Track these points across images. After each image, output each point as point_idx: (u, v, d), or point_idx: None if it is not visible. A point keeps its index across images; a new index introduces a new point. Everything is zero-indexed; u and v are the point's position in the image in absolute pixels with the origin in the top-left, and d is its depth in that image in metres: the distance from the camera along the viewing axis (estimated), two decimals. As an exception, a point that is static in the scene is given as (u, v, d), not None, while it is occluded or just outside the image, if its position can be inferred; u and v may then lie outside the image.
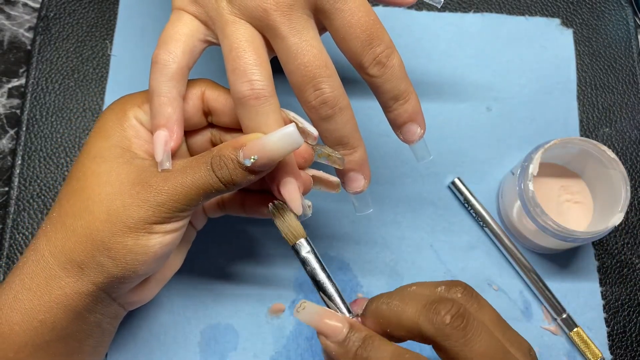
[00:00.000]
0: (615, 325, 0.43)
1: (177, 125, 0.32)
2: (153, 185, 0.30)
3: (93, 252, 0.30)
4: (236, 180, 0.30)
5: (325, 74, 0.31)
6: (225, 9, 0.31)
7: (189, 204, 0.30)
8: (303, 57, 0.30)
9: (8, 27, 0.49)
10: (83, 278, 0.30)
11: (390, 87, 0.32)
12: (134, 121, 0.33)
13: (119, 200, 0.30)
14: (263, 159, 0.29)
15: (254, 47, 0.31)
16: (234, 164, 0.30)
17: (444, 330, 0.28)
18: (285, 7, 0.30)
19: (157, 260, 0.31)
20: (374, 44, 0.31)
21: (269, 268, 0.43)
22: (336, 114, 0.31)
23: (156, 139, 0.31)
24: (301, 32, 0.30)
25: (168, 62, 0.31)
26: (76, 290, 0.30)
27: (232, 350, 0.41)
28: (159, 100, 0.31)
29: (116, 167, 0.31)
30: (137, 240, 0.30)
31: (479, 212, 0.44)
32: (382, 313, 0.30)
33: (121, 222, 0.30)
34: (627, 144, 0.47)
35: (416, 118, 0.33)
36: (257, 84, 0.30)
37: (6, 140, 0.46)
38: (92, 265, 0.30)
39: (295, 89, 0.31)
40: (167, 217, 0.30)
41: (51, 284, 0.30)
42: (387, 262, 0.44)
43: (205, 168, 0.30)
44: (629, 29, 0.50)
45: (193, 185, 0.30)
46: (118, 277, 0.30)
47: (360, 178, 0.34)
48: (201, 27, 0.32)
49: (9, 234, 0.43)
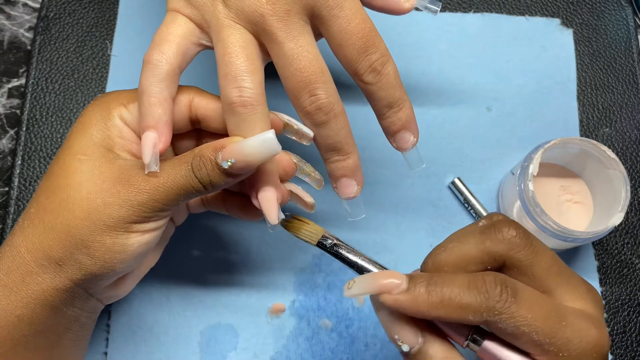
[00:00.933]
0: (615, 325, 0.43)
1: (166, 127, 0.31)
2: (135, 184, 0.30)
3: (71, 250, 0.30)
4: (214, 182, 0.30)
5: (321, 80, 0.31)
6: (222, 12, 0.31)
7: (169, 203, 0.30)
8: (299, 63, 0.30)
9: (8, 27, 0.49)
10: (60, 274, 0.30)
11: (385, 94, 0.32)
12: (117, 120, 0.32)
13: (100, 199, 0.30)
14: (240, 163, 0.29)
15: (247, 53, 0.30)
16: (212, 165, 0.30)
17: (514, 242, 0.27)
18: (282, 13, 0.30)
19: (136, 258, 0.32)
20: (370, 51, 0.31)
21: (269, 268, 0.43)
22: (331, 120, 0.31)
23: (145, 141, 0.31)
24: (297, 38, 0.30)
25: (160, 62, 0.31)
26: (53, 286, 0.30)
27: (232, 350, 0.41)
28: (149, 100, 0.31)
29: (98, 165, 0.31)
30: (116, 239, 0.30)
31: (479, 212, 0.44)
32: (444, 260, 0.28)
33: (101, 221, 0.30)
34: (627, 144, 0.47)
35: (409, 126, 0.33)
36: (246, 91, 0.30)
37: (6, 140, 0.46)
38: (70, 263, 0.30)
39: (290, 95, 0.32)
40: (147, 217, 0.30)
41: (27, 280, 0.30)
42: (387, 262, 0.44)
43: (185, 168, 0.30)
44: (629, 29, 0.50)
45: (174, 186, 0.30)
46: (96, 275, 0.30)
47: (353, 184, 0.34)
48: (195, 29, 0.32)
49: (9, 234, 0.43)
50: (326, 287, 0.43)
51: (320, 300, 0.42)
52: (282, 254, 0.43)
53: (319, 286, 0.43)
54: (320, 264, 0.43)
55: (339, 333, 0.42)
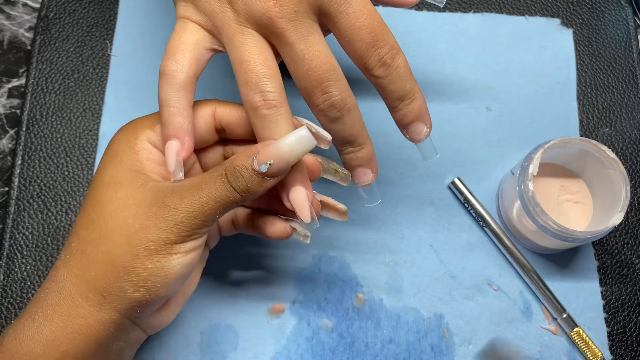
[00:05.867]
0: (615, 325, 0.43)
1: (187, 135, 0.32)
2: (170, 204, 0.30)
3: (114, 278, 0.30)
4: (252, 189, 0.30)
5: (333, 77, 0.31)
6: (232, 18, 0.31)
7: (206, 219, 0.30)
8: (311, 63, 0.30)
9: (8, 27, 0.49)
10: (105, 306, 0.30)
11: (396, 87, 0.32)
12: (146, 143, 0.32)
13: (138, 224, 0.30)
14: (279, 162, 0.30)
15: (264, 58, 0.31)
16: (249, 172, 0.30)
17: None
18: (290, 14, 0.30)
19: (178, 281, 0.31)
20: (379, 45, 0.31)
21: (269, 268, 0.43)
22: (344, 115, 0.32)
23: (167, 150, 0.31)
24: (307, 38, 0.31)
25: (176, 72, 0.31)
26: (99, 319, 0.30)
27: (232, 350, 0.41)
28: (169, 111, 0.31)
29: (131, 191, 0.31)
30: (158, 262, 0.30)
31: (479, 212, 0.44)
32: None
33: (141, 245, 0.29)
34: (627, 144, 0.47)
35: (422, 117, 0.33)
36: (269, 95, 0.30)
37: (6, 140, 0.46)
38: (114, 292, 0.30)
39: (303, 93, 0.32)
40: (186, 236, 0.30)
41: (73, 314, 0.30)
42: (387, 262, 0.44)
43: (220, 180, 0.30)
44: (629, 29, 0.50)
45: (210, 200, 0.30)
46: (140, 302, 0.30)
47: (369, 172, 0.34)
48: (207, 36, 0.32)
49: (9, 234, 0.43)
50: (326, 287, 0.43)
51: (321, 301, 0.42)
52: (282, 254, 0.43)
53: (319, 286, 0.43)
54: (321, 264, 0.43)
55: (339, 333, 0.42)
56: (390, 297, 0.43)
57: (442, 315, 0.43)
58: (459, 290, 0.43)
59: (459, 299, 0.43)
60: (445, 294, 0.43)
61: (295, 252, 0.43)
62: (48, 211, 0.44)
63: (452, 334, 0.42)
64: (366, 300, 0.43)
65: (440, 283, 0.43)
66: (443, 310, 0.43)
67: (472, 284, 0.44)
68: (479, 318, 0.43)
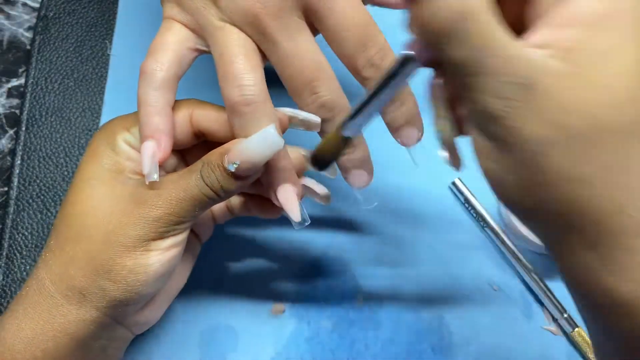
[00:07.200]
0: (616, 325, 0.43)
1: (165, 136, 0.31)
2: (147, 201, 0.30)
3: (93, 277, 0.29)
4: (225, 188, 0.30)
5: (322, 77, 0.30)
6: (215, 15, 0.30)
7: (184, 215, 0.30)
8: (299, 62, 0.30)
9: (7, 27, 0.49)
10: (85, 304, 0.30)
11: None
12: (124, 145, 0.32)
13: (116, 220, 0.29)
14: (245, 164, 0.29)
15: (245, 51, 0.30)
16: (220, 171, 0.29)
17: None
18: (275, 10, 0.29)
19: (159, 279, 0.31)
20: (368, 45, 0.30)
21: (269, 268, 0.43)
22: (336, 116, 0.31)
23: (143, 151, 0.31)
24: (294, 36, 0.30)
25: (155, 71, 0.31)
26: (79, 318, 0.30)
27: (232, 350, 0.41)
28: (146, 110, 0.31)
29: (110, 188, 0.31)
30: (136, 259, 0.29)
31: (480, 213, 0.44)
32: None
33: (119, 243, 0.29)
34: (628, 144, 0.47)
35: (414, 121, 0.32)
36: (248, 89, 0.29)
37: (5, 140, 0.46)
38: (94, 290, 0.30)
39: (292, 94, 0.31)
40: (164, 232, 0.30)
41: (53, 312, 0.30)
42: (387, 262, 0.44)
43: (195, 177, 0.30)
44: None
45: (186, 197, 0.29)
46: (120, 300, 0.30)
47: (364, 174, 0.34)
48: (191, 35, 0.32)
49: (8, 234, 0.43)
50: (326, 287, 0.43)
51: (321, 301, 0.42)
52: (282, 254, 0.43)
53: (319, 287, 0.43)
54: (321, 264, 0.43)
55: (340, 334, 0.42)
56: (390, 298, 0.43)
57: (442, 315, 0.43)
58: (460, 291, 0.43)
59: (459, 299, 0.43)
60: (445, 294, 0.43)
61: (296, 252, 0.43)
62: (47, 211, 0.44)
63: (452, 334, 0.42)
64: (366, 300, 0.43)
65: (441, 283, 0.43)
66: (443, 310, 0.43)
67: (473, 284, 0.44)
68: (480, 319, 0.43)
